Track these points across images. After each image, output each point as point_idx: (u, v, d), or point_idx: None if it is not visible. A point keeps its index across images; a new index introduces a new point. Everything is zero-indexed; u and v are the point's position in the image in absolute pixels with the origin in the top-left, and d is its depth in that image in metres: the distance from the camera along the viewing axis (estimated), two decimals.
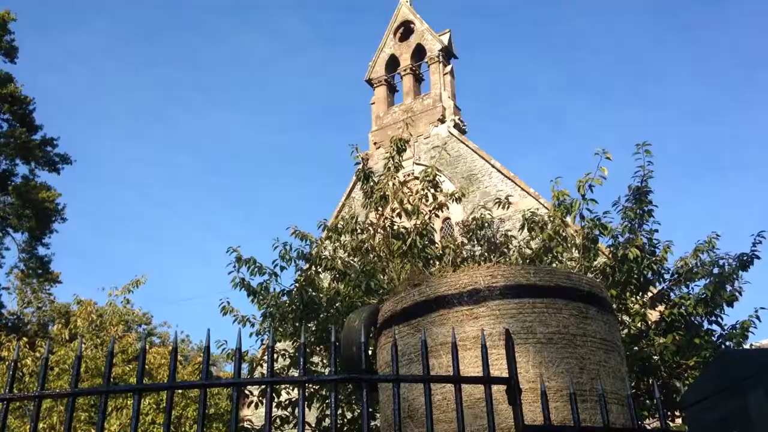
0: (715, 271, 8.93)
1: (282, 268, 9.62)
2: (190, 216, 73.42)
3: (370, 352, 5.43)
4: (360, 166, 10.26)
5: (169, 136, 75.14)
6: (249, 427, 10.40)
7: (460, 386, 2.69)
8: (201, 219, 73.63)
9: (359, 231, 9.71)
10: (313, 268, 9.75)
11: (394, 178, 10.03)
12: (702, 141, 70.22)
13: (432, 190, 9.97)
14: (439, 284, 4.26)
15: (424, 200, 9.85)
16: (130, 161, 70.96)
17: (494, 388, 2.84)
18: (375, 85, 21.98)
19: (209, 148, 74.07)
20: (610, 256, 8.91)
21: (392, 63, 22.06)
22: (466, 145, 19.45)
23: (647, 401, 8.72)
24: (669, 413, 8.76)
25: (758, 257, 9.02)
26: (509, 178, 18.33)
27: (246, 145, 77.43)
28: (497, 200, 10.60)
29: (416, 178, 10.36)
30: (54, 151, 24.50)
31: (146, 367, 12.92)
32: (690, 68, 69.44)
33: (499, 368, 3.62)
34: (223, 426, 13.95)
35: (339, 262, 9.36)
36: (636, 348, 8.70)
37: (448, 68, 21.11)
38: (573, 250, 8.98)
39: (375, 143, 20.86)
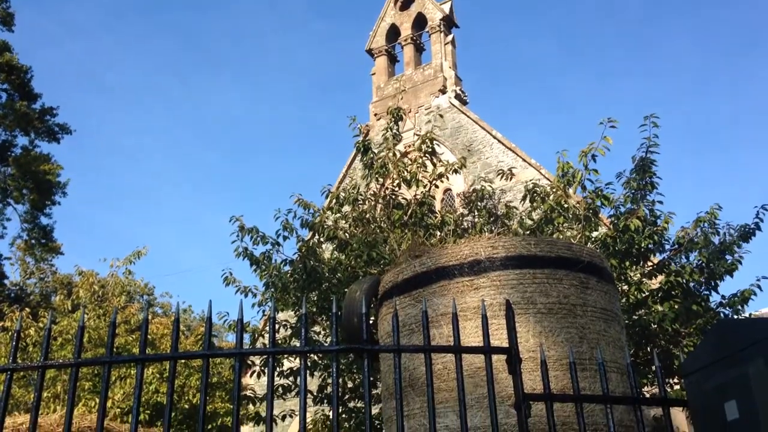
0: (716, 240, 8.96)
1: (285, 238, 9.66)
2: (190, 189, 73.38)
3: (371, 322, 5.47)
4: (359, 138, 10.21)
5: (168, 109, 74.72)
6: (252, 395, 10.53)
7: (460, 356, 2.71)
8: (200, 192, 73.61)
9: (360, 201, 9.71)
10: (316, 237, 9.78)
11: (393, 148, 10.00)
12: (703, 113, 69.84)
13: (430, 158, 9.93)
14: (440, 255, 4.27)
15: (422, 169, 9.82)
16: (129, 134, 70.74)
17: (494, 357, 2.86)
18: (375, 56, 21.79)
19: (208, 121, 73.68)
20: (611, 226, 8.92)
21: (393, 33, 21.83)
22: (467, 116, 19.35)
23: (646, 369, 8.80)
24: (667, 381, 8.85)
25: (760, 229, 9.04)
26: (510, 149, 18.26)
27: (245, 118, 77.06)
28: (500, 171, 10.57)
29: (416, 149, 10.29)
30: (53, 120, 24.43)
31: (149, 337, 13.07)
32: (691, 40, 68.76)
33: (499, 338, 3.64)
34: (226, 394, 14.08)
35: (341, 232, 9.38)
36: (635, 317, 8.76)
37: (449, 38, 20.90)
38: (574, 221, 8.99)
39: (376, 114, 20.75)
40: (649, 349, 8.93)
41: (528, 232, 8.82)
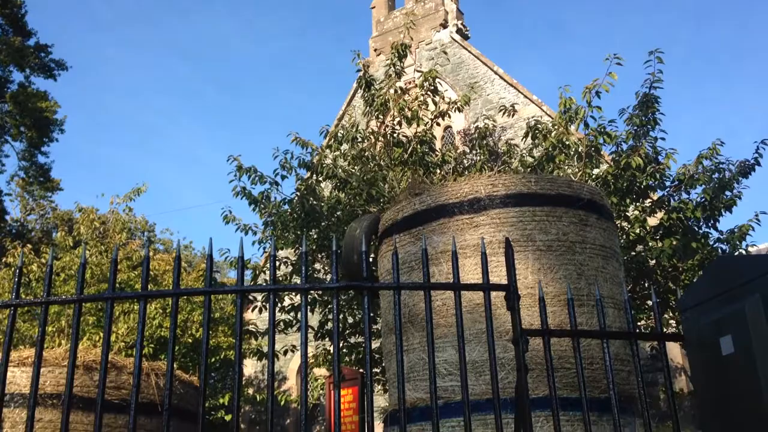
0: (716, 176, 8.94)
1: (283, 177, 9.63)
2: (189, 125, 72.79)
3: (371, 260, 5.51)
4: (361, 74, 10.03)
5: (166, 44, 73.39)
6: (254, 330, 10.71)
7: (459, 293, 2.73)
8: (200, 128, 73.05)
9: (360, 139, 9.63)
10: (314, 176, 9.74)
11: (395, 85, 9.86)
12: (706, 45, 68.64)
13: (431, 96, 9.80)
14: (440, 193, 4.26)
15: (423, 106, 9.70)
16: (126, 70, 69.64)
17: (493, 294, 2.89)
18: None
19: (206, 56, 72.51)
20: (612, 163, 8.88)
21: None
22: (469, 51, 19.03)
23: (643, 305, 8.91)
24: (664, 316, 8.98)
25: (759, 164, 9.01)
26: (512, 85, 18.03)
27: (243, 52, 75.76)
28: (501, 108, 10.43)
29: (417, 86, 10.13)
30: (49, 57, 24.06)
31: (151, 273, 13.17)
32: None
33: (498, 275, 3.67)
34: (229, 329, 14.30)
35: (340, 170, 9.34)
36: (633, 253, 8.81)
37: None
38: (575, 159, 8.94)
39: (375, 50, 20.41)
40: (646, 284, 9.02)
41: (529, 170, 8.79)
